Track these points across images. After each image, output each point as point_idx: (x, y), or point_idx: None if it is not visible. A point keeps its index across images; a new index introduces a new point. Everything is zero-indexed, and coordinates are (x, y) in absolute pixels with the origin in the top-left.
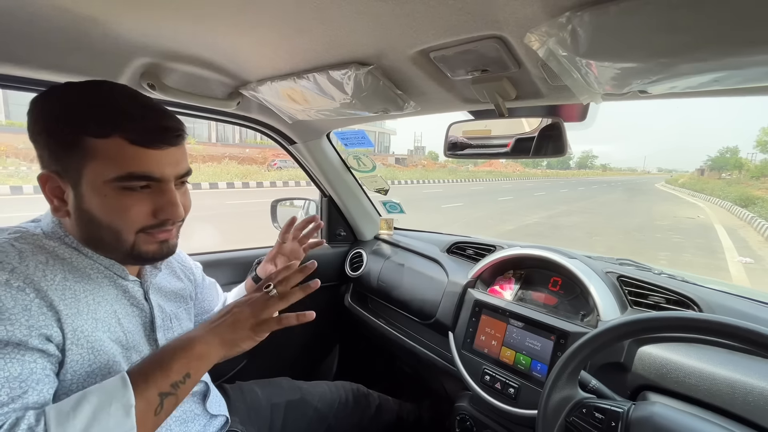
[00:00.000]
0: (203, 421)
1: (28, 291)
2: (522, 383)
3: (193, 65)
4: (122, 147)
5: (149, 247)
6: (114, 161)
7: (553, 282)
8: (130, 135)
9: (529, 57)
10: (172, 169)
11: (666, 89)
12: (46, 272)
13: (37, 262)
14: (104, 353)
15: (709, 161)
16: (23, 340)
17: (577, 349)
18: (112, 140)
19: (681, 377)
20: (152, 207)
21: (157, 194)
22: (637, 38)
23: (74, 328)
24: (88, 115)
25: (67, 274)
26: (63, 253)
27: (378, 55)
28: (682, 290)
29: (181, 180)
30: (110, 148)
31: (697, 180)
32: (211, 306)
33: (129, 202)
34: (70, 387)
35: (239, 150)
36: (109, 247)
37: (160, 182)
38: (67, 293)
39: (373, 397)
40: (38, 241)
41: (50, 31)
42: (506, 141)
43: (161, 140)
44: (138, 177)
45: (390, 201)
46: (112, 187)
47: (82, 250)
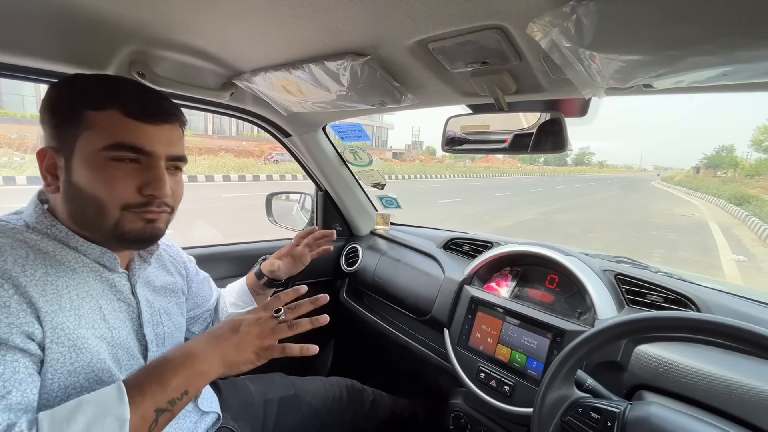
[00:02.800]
0: (194, 418)
1: (7, 287)
2: (517, 381)
3: (184, 54)
4: (116, 118)
5: (134, 225)
6: (106, 131)
7: (550, 279)
8: (125, 108)
9: (531, 49)
10: (164, 148)
11: (672, 84)
12: (26, 267)
13: (16, 256)
14: (87, 351)
15: (704, 159)
16: (3, 338)
17: (574, 348)
18: (108, 112)
19: (677, 377)
20: (139, 182)
21: (145, 170)
22: (644, 29)
23: (54, 325)
24: (89, 91)
25: (48, 268)
26: (46, 246)
27: (375, 46)
28: (680, 289)
29: (174, 164)
30: (105, 119)
31: (693, 178)
32: (204, 300)
33: (116, 173)
34: (51, 386)
35: (236, 143)
36: (92, 223)
37: (149, 157)
38: (48, 288)
39: (367, 393)
40: (19, 235)
41: (35, 16)
42: (506, 136)
43: (154, 114)
44: (127, 147)
45: (386, 196)
46: (102, 157)
47: (69, 242)
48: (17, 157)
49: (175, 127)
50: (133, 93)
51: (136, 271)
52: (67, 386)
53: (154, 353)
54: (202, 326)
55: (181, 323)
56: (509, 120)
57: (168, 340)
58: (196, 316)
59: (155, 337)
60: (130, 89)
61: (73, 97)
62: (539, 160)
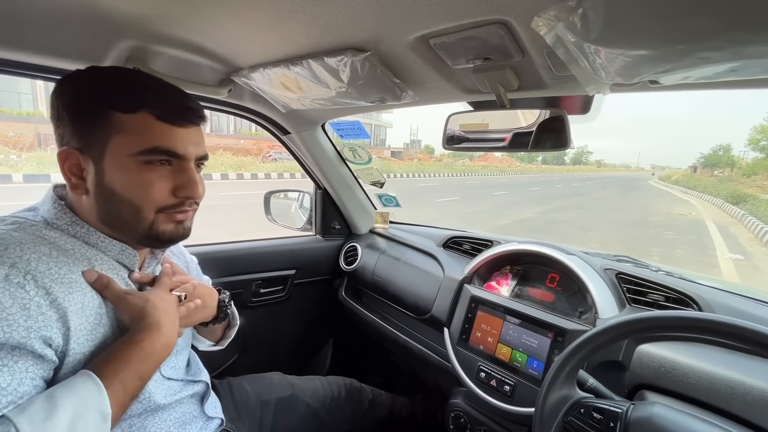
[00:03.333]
0: (201, 423)
1: (29, 288)
2: (518, 381)
3: (181, 49)
4: (149, 122)
5: (167, 226)
6: (140, 135)
7: (551, 278)
8: (156, 111)
9: (534, 44)
10: (194, 149)
11: (678, 79)
12: (50, 265)
13: (39, 254)
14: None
15: (702, 158)
16: (21, 342)
17: (576, 347)
18: (140, 115)
19: (679, 377)
20: (173, 185)
21: (178, 172)
22: (651, 22)
23: (77, 324)
24: (116, 92)
25: (71, 266)
26: (65, 243)
27: (375, 41)
28: (681, 288)
29: (198, 163)
30: (137, 123)
31: (690, 177)
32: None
33: (151, 177)
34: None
35: (234, 141)
36: (127, 225)
37: (181, 160)
38: (74, 287)
39: (366, 392)
40: (39, 232)
41: (31, 10)
42: (507, 134)
43: (185, 118)
44: (162, 151)
45: (386, 194)
46: (136, 162)
47: (89, 239)
48: (14, 155)
49: (200, 127)
50: (160, 94)
51: (146, 270)
52: None
53: None
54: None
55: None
56: (510, 118)
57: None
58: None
59: None
60: (158, 90)
61: (98, 97)
62: (537, 159)
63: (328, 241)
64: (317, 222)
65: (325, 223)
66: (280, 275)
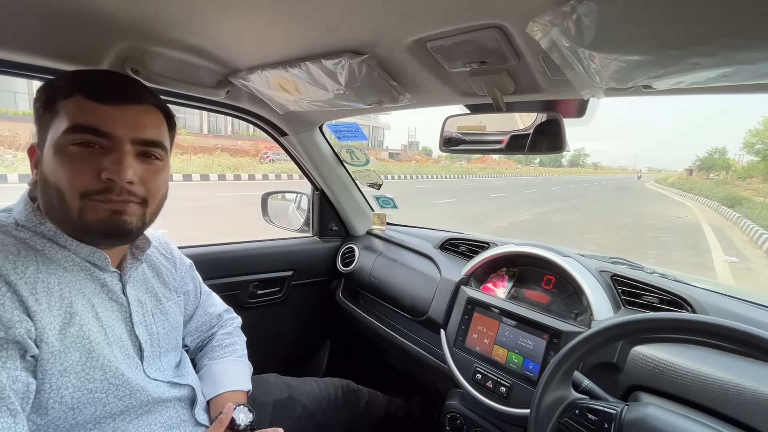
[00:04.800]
0: (189, 428)
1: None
2: (514, 382)
3: (179, 51)
4: (80, 103)
5: (97, 215)
6: (69, 115)
7: (547, 280)
8: (87, 91)
9: (530, 48)
10: (127, 130)
11: (671, 84)
12: (17, 264)
13: (7, 253)
14: (76, 350)
15: (697, 161)
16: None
17: (572, 349)
18: (74, 98)
19: (673, 378)
20: (98, 167)
21: (106, 153)
22: (645, 28)
23: (43, 324)
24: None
25: (39, 266)
26: (35, 244)
27: (372, 44)
28: (676, 290)
29: (145, 150)
30: (70, 105)
31: (686, 180)
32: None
33: (72, 158)
34: (42, 386)
35: (231, 142)
36: (59, 214)
37: (110, 140)
38: (38, 286)
39: (362, 393)
40: (9, 231)
41: (29, 11)
42: (503, 136)
43: (115, 94)
44: (84, 129)
45: (383, 196)
46: (63, 143)
47: (59, 240)
48: (9, 154)
49: (146, 109)
50: (100, 78)
51: (127, 271)
52: (60, 387)
53: (149, 353)
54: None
55: (178, 322)
56: (507, 120)
57: (163, 340)
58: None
59: (148, 337)
60: (99, 76)
61: (51, 93)
62: (534, 161)
63: (326, 242)
64: (314, 223)
65: (323, 224)
66: (277, 276)
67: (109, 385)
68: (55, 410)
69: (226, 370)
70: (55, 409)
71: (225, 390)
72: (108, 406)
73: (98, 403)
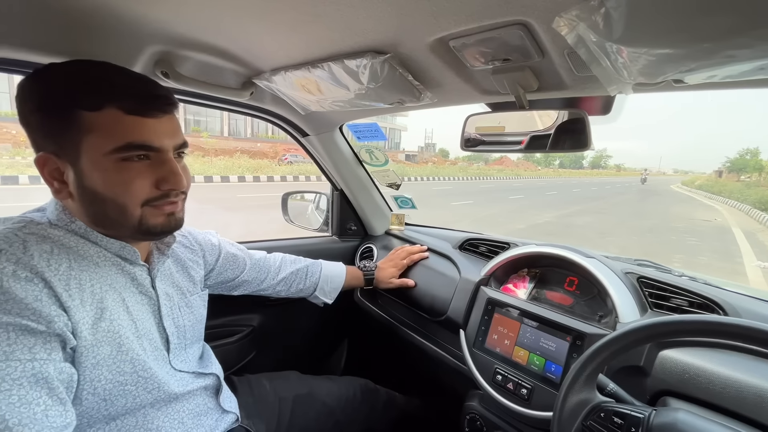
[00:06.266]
0: (216, 416)
1: (36, 281)
2: (535, 384)
3: (207, 54)
4: (118, 118)
5: (157, 220)
6: (111, 133)
7: (569, 282)
8: (124, 105)
9: (555, 45)
10: (170, 140)
11: (703, 78)
12: (51, 262)
13: (41, 251)
14: (108, 343)
15: (727, 163)
16: (45, 330)
17: (597, 350)
18: (107, 112)
19: (704, 383)
20: (154, 178)
21: (158, 165)
22: (677, 20)
23: (77, 319)
24: (78, 90)
25: (72, 262)
26: (68, 241)
27: (395, 43)
28: (706, 293)
29: (178, 152)
30: (106, 120)
31: (715, 182)
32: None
33: (130, 174)
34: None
35: (251, 144)
36: (116, 223)
37: (159, 152)
38: (71, 283)
39: (380, 393)
40: (43, 231)
41: (66, 16)
42: (526, 135)
43: (155, 108)
44: (137, 147)
45: (401, 196)
46: (112, 160)
47: (89, 237)
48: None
49: (173, 115)
50: (124, 86)
51: (155, 265)
52: (93, 379)
53: (175, 345)
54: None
55: (202, 315)
56: (527, 120)
57: (189, 332)
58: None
59: (176, 329)
60: (123, 82)
61: (62, 98)
62: (554, 163)
63: (344, 242)
64: (334, 223)
65: (342, 224)
66: None
67: (138, 378)
68: (89, 401)
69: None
70: (89, 400)
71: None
72: (138, 398)
73: (129, 395)
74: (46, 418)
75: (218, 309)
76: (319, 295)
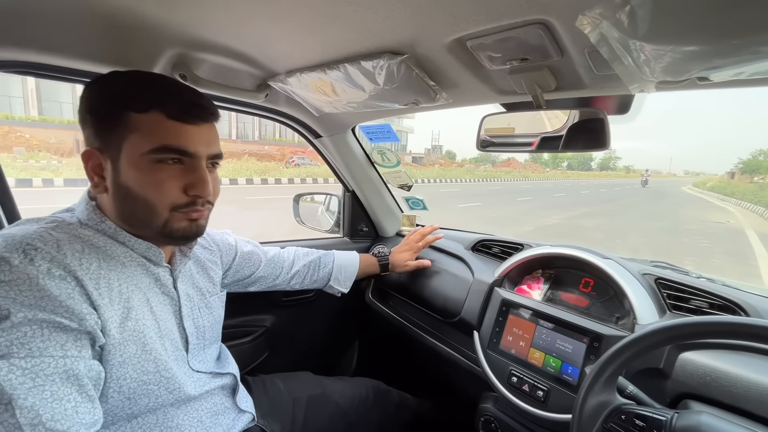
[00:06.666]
0: (233, 415)
1: (69, 279)
2: (552, 386)
3: (223, 56)
4: (160, 121)
5: (180, 224)
6: (152, 134)
7: (585, 283)
8: (167, 110)
9: (575, 43)
10: (205, 148)
11: (730, 76)
12: (82, 261)
13: (73, 250)
14: (133, 342)
15: (740, 164)
16: (77, 328)
17: (617, 352)
18: (152, 114)
19: (727, 386)
20: (184, 183)
21: (189, 170)
22: (705, 16)
23: (106, 318)
24: (131, 93)
25: (101, 262)
26: (98, 241)
27: (412, 44)
28: (726, 294)
29: (212, 161)
30: (149, 122)
31: (727, 183)
32: (249, 272)
33: (162, 175)
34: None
35: (258, 147)
36: (142, 223)
37: (192, 158)
38: (101, 282)
39: (392, 395)
40: (74, 230)
41: (89, 22)
42: (538, 136)
43: (196, 115)
44: (172, 149)
45: (413, 197)
46: (148, 160)
47: (118, 237)
48: (55, 160)
49: (213, 125)
50: (174, 94)
51: (177, 266)
52: (119, 377)
53: (194, 345)
54: (263, 285)
55: (220, 315)
56: (540, 120)
57: (208, 333)
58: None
59: (195, 330)
60: (171, 89)
61: (115, 99)
62: (562, 164)
63: (356, 243)
64: (345, 224)
65: (353, 225)
66: None
67: (161, 378)
68: (114, 399)
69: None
70: (114, 398)
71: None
72: (160, 398)
73: (151, 394)
74: (76, 414)
75: (233, 309)
76: (333, 285)
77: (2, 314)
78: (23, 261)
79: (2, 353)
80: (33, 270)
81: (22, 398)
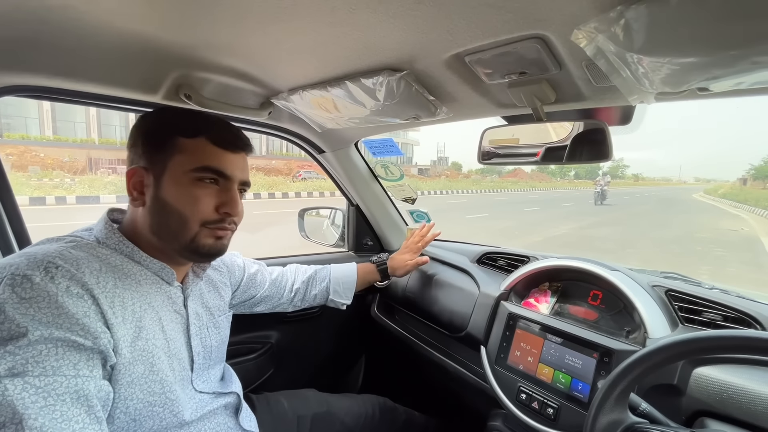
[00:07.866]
0: None
1: (86, 298)
2: (562, 403)
3: (226, 76)
4: (205, 145)
5: (207, 240)
6: (196, 155)
7: (593, 296)
8: (212, 137)
9: (573, 57)
10: (239, 173)
11: (730, 86)
12: (99, 279)
13: (91, 269)
14: (143, 362)
15: (752, 170)
16: (91, 347)
17: (628, 367)
18: (198, 140)
19: (744, 403)
20: (217, 202)
21: (223, 191)
22: (701, 29)
23: (119, 336)
24: (182, 122)
25: (117, 281)
26: (115, 260)
27: (411, 60)
28: (741, 306)
29: (242, 188)
30: (195, 145)
31: (740, 190)
32: (254, 292)
33: (199, 192)
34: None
35: (265, 161)
36: (172, 235)
37: (227, 180)
38: (116, 300)
39: (399, 412)
40: (92, 249)
41: (98, 48)
42: (542, 147)
43: (235, 144)
44: (212, 170)
45: (417, 210)
46: (189, 178)
47: (134, 257)
48: (68, 178)
49: (245, 156)
50: (219, 125)
51: (189, 285)
52: (126, 397)
53: (199, 365)
54: (267, 305)
55: (227, 335)
56: (544, 131)
57: (214, 352)
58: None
59: (202, 349)
60: (216, 122)
61: (167, 125)
62: (570, 174)
63: (361, 257)
64: (350, 238)
65: (358, 239)
66: None
67: (166, 399)
68: (120, 420)
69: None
70: (120, 419)
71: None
72: (164, 420)
73: (156, 417)
74: None
75: (239, 326)
76: (334, 298)
77: (20, 332)
78: (44, 278)
79: (18, 371)
80: (53, 287)
81: (33, 418)
